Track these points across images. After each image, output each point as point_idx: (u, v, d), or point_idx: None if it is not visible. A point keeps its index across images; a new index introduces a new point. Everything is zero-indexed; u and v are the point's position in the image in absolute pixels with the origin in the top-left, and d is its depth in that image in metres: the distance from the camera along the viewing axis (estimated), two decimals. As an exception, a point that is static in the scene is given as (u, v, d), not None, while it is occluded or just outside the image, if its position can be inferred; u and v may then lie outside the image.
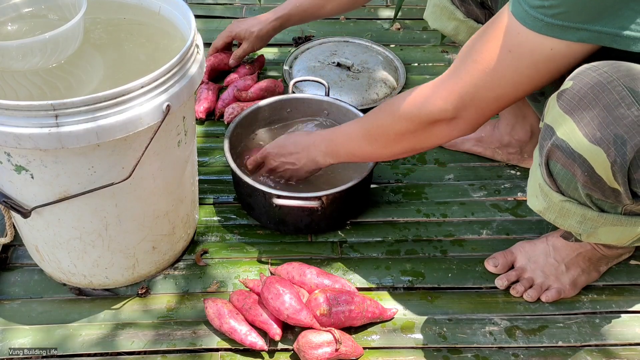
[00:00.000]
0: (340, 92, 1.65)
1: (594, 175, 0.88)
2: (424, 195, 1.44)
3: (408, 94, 1.08)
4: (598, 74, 0.86)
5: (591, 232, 0.99)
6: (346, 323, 1.14)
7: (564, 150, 0.89)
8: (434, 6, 1.33)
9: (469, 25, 1.29)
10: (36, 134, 0.92)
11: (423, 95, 1.05)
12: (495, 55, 0.95)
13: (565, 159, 0.90)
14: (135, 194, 1.08)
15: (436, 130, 1.06)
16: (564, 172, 0.93)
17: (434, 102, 1.03)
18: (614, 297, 1.23)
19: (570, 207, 0.97)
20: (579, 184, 0.92)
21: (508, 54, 0.93)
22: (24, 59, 1.06)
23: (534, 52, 0.91)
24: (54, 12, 1.17)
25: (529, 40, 0.90)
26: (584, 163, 0.88)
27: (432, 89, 1.04)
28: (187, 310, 1.20)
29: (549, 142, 0.92)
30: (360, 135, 1.17)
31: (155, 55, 1.14)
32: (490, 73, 0.96)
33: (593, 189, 0.91)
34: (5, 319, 1.18)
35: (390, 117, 1.11)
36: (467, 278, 1.26)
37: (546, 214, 1.01)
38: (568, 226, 1.00)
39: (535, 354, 1.14)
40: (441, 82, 1.03)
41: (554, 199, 0.98)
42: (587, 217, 0.97)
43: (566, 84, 0.89)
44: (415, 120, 1.07)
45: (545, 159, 0.94)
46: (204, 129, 1.60)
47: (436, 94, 1.03)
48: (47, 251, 1.16)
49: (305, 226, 1.32)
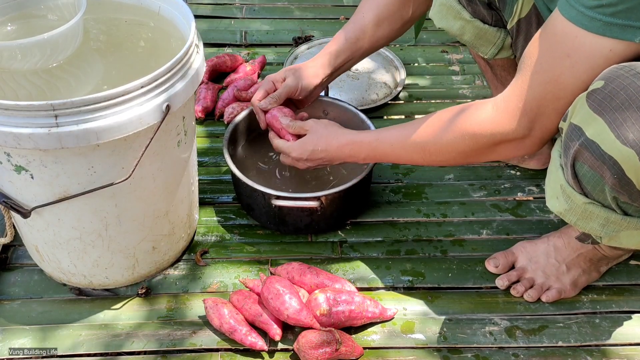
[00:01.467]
0: (340, 92, 1.65)
1: (624, 177, 0.86)
2: (424, 195, 1.44)
3: (468, 112, 1.04)
4: (631, 75, 0.83)
5: (613, 236, 0.97)
6: (346, 323, 1.14)
7: (593, 152, 0.87)
8: (440, 5, 1.31)
9: (475, 26, 1.27)
10: (36, 134, 0.92)
11: (489, 116, 1.01)
12: (555, 63, 0.91)
13: (594, 161, 0.87)
14: (135, 194, 1.08)
15: (501, 149, 1.03)
16: (591, 174, 0.90)
17: (503, 124, 0.99)
18: (614, 297, 1.23)
19: (593, 210, 0.95)
20: (606, 186, 0.89)
21: (567, 60, 0.90)
22: (23, 59, 1.06)
23: (592, 55, 0.88)
24: (54, 13, 1.17)
25: (587, 43, 0.87)
26: (614, 165, 0.85)
27: (498, 107, 1.00)
28: (187, 310, 1.20)
29: (577, 142, 0.89)
30: (412, 149, 1.12)
31: (155, 55, 1.14)
32: (553, 83, 0.93)
33: (621, 192, 0.88)
34: (5, 319, 1.18)
35: (451, 136, 1.05)
36: (467, 278, 1.26)
37: (567, 216, 0.99)
38: (590, 229, 0.98)
39: (536, 354, 1.14)
40: (505, 100, 0.99)
41: (577, 201, 0.96)
42: (611, 220, 0.95)
43: (596, 84, 0.86)
44: (482, 142, 1.03)
45: (572, 160, 0.92)
46: (204, 129, 1.60)
47: (503, 114, 0.99)
48: (47, 251, 1.16)
49: (305, 226, 1.32)
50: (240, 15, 2.01)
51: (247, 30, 1.94)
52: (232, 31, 1.94)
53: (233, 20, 1.98)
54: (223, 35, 1.92)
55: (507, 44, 1.27)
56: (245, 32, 1.93)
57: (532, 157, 1.46)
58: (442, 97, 1.71)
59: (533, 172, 1.48)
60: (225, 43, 1.90)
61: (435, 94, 1.72)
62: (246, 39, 1.91)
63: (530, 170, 1.48)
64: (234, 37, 1.92)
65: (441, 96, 1.71)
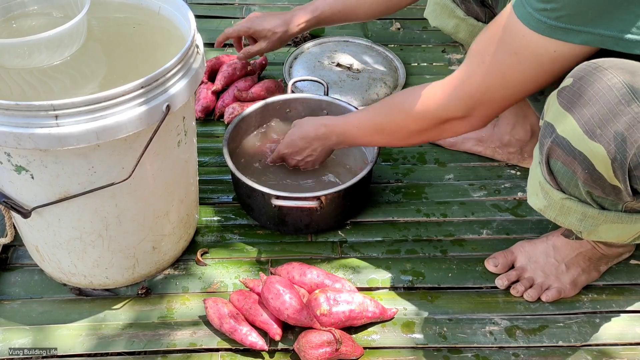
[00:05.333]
0: (340, 92, 1.65)
1: (595, 172, 0.88)
2: (424, 195, 1.44)
3: (417, 93, 1.10)
4: (597, 71, 0.86)
5: (592, 230, 0.99)
6: (346, 323, 1.14)
7: (564, 148, 0.89)
8: (434, 4, 1.34)
9: (469, 24, 1.30)
10: (36, 134, 0.92)
11: (435, 97, 1.08)
12: (502, 58, 0.96)
13: (565, 157, 0.90)
14: (135, 194, 1.08)
15: (448, 127, 1.10)
16: (564, 170, 0.93)
17: (447, 104, 1.06)
18: (614, 297, 1.23)
19: (570, 205, 0.97)
20: (579, 181, 0.92)
21: (514, 56, 0.95)
22: (30, 57, 1.06)
23: (538, 54, 0.92)
24: (58, 10, 1.17)
25: (533, 43, 0.91)
26: (584, 160, 0.88)
27: (444, 91, 1.07)
28: (187, 310, 1.20)
29: (549, 139, 0.92)
30: (372, 130, 1.20)
31: (155, 55, 1.14)
32: (498, 75, 0.98)
33: (593, 186, 0.91)
34: (5, 319, 1.18)
35: (403, 116, 1.13)
36: (467, 278, 1.26)
37: (547, 212, 1.01)
38: (569, 224, 1.00)
39: (536, 353, 1.14)
40: (451, 83, 1.06)
41: (554, 197, 0.98)
42: (588, 214, 0.97)
43: (566, 81, 0.89)
44: (429, 120, 1.10)
45: (546, 157, 0.94)
46: (204, 129, 1.60)
47: (448, 96, 1.06)
48: (47, 251, 1.16)
49: (305, 226, 1.32)
50: (240, 15, 2.01)
51: (247, 30, 1.94)
52: (232, 31, 1.94)
53: (233, 20, 1.98)
54: (223, 35, 1.92)
55: None
56: (245, 32, 1.93)
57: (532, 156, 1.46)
58: (442, 97, 1.71)
59: (533, 172, 1.48)
60: (226, 43, 1.89)
61: (435, 93, 1.72)
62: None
63: (530, 170, 1.49)
64: (234, 37, 1.91)
65: (441, 96, 1.71)
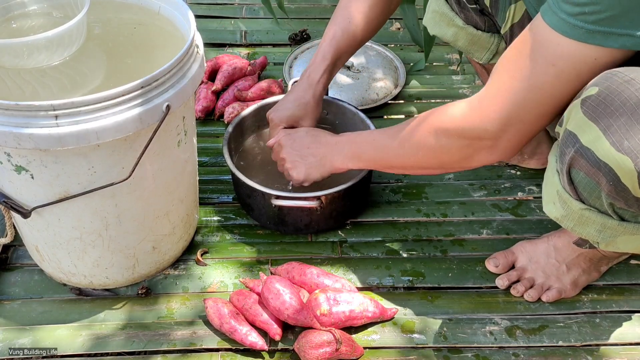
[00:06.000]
0: (340, 92, 1.65)
1: (620, 184, 0.85)
2: (424, 195, 1.44)
3: (441, 109, 1.04)
4: (624, 80, 0.83)
5: (610, 241, 0.97)
6: (346, 323, 1.14)
7: (589, 159, 0.87)
8: (433, 12, 1.31)
9: (468, 32, 1.27)
10: (36, 134, 0.92)
11: (461, 112, 1.00)
12: (538, 71, 0.90)
13: (589, 168, 0.87)
14: (135, 194, 1.08)
15: (475, 154, 1.02)
16: (587, 181, 0.90)
17: (474, 121, 0.98)
18: (614, 297, 1.23)
19: (590, 216, 0.95)
20: (602, 192, 0.89)
21: (552, 68, 0.88)
22: (29, 57, 1.06)
23: (577, 63, 0.87)
24: (58, 10, 1.17)
25: (571, 51, 0.86)
26: (609, 172, 0.85)
27: (471, 106, 0.99)
28: (187, 310, 1.20)
29: (572, 149, 0.89)
30: (393, 146, 1.11)
31: (155, 55, 1.14)
32: (535, 89, 0.91)
33: (617, 198, 0.88)
34: (5, 319, 1.18)
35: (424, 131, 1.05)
36: (467, 278, 1.26)
37: (564, 222, 0.99)
38: (587, 234, 0.98)
39: (536, 353, 1.14)
40: (480, 100, 0.98)
41: (573, 207, 0.96)
42: (607, 225, 0.95)
43: (590, 90, 0.86)
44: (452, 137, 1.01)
45: (567, 167, 0.91)
46: (204, 129, 1.60)
47: (476, 111, 0.98)
48: (47, 251, 1.16)
49: (305, 226, 1.32)
50: (240, 15, 2.01)
51: (247, 30, 1.94)
52: (232, 31, 1.94)
53: (233, 20, 1.98)
54: (223, 35, 1.92)
55: (502, 49, 1.27)
56: (245, 32, 1.93)
57: (532, 156, 1.46)
58: (442, 97, 1.71)
59: (533, 171, 1.48)
60: (225, 43, 1.90)
61: (435, 94, 1.72)
62: (246, 39, 1.91)
63: (531, 170, 1.48)
64: (234, 37, 1.92)
65: (441, 96, 1.71)
